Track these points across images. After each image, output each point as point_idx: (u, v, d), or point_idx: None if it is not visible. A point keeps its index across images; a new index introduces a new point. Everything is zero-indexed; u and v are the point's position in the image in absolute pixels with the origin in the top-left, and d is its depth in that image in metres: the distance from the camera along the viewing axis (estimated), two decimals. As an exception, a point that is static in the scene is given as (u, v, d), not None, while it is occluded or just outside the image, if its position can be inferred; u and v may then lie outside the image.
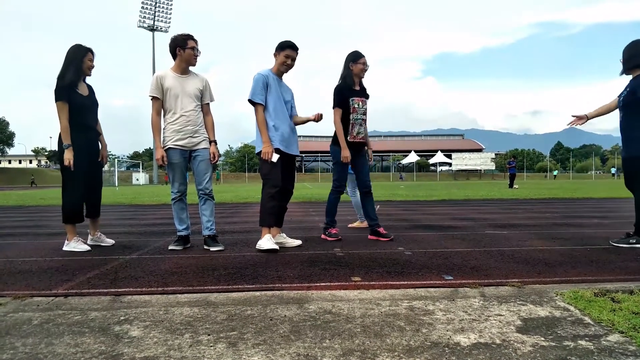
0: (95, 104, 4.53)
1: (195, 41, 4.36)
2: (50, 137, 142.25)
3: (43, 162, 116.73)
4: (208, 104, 4.54)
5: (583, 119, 4.61)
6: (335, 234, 5.00)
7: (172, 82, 4.30)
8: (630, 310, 2.28)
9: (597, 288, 2.73)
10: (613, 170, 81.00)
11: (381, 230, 4.93)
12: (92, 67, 4.43)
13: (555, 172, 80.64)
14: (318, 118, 4.48)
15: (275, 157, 4.25)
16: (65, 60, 4.27)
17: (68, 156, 4.16)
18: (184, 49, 4.30)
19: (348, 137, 4.84)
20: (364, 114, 4.89)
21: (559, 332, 2.05)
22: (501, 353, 1.82)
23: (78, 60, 4.29)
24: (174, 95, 4.29)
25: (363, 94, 4.94)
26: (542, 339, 1.97)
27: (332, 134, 4.93)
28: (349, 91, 4.83)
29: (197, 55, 4.38)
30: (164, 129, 4.36)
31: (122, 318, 2.32)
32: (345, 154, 4.76)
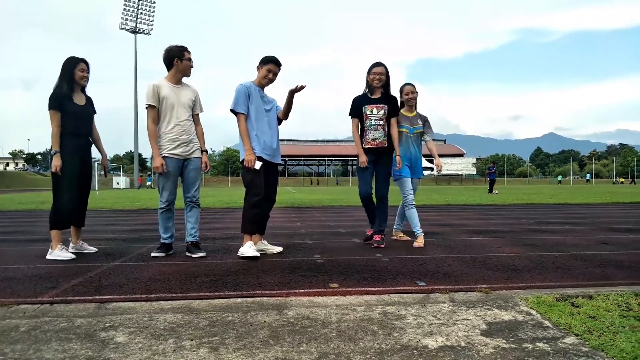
0: (90, 115, 4.63)
1: (189, 52, 4.49)
2: (29, 140, 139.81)
3: (21, 165, 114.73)
4: (198, 114, 4.68)
5: None
6: (377, 241, 5.03)
7: (168, 92, 4.41)
8: (587, 315, 2.45)
9: (559, 293, 2.90)
10: (588, 176, 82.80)
11: (376, 237, 5.03)
12: (86, 77, 4.53)
13: (559, 178, 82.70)
14: (299, 88, 4.49)
15: (258, 165, 4.36)
16: (60, 72, 4.43)
17: (56, 163, 4.25)
18: (181, 60, 4.43)
19: (364, 144, 5.04)
20: (380, 119, 4.99)
21: (520, 335, 2.21)
22: (465, 355, 1.97)
23: (70, 72, 4.42)
24: (170, 105, 4.40)
25: (382, 101, 5.02)
26: (504, 341, 2.13)
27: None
28: (363, 100, 5.09)
29: (192, 67, 4.51)
30: (158, 137, 4.44)
31: (107, 324, 2.42)
32: (362, 159, 4.98)
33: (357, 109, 5.07)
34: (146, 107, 4.41)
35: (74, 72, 4.43)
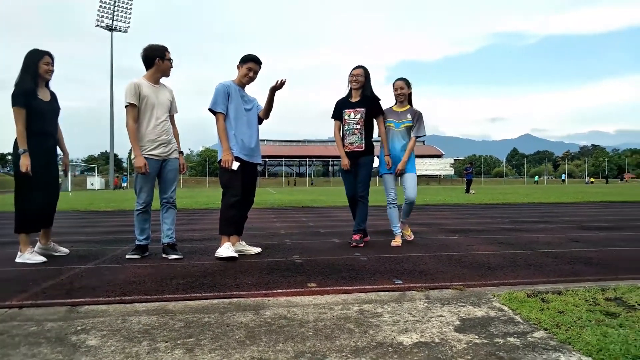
0: (55, 111, 4.46)
1: (169, 52, 4.44)
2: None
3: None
4: (173, 115, 4.64)
5: None
6: (356, 240, 5.08)
7: (148, 91, 4.33)
8: (556, 310, 2.52)
9: (531, 289, 2.98)
10: (563, 176, 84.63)
11: (355, 236, 5.08)
12: (51, 71, 4.34)
13: (536, 178, 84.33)
14: (280, 84, 4.49)
15: (235, 165, 4.34)
16: (22, 65, 4.20)
17: (25, 162, 4.07)
18: (163, 59, 4.37)
19: (343, 147, 5.17)
20: (357, 123, 5.07)
21: (491, 330, 2.25)
22: (438, 351, 2.00)
23: (34, 65, 4.21)
24: (150, 105, 4.33)
25: (359, 104, 5.09)
26: (477, 337, 2.16)
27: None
28: (343, 104, 5.20)
29: (172, 67, 4.47)
30: (139, 138, 4.34)
31: (79, 328, 2.38)
32: (344, 162, 5.14)
33: (338, 112, 5.21)
34: (126, 106, 4.27)
35: (38, 66, 4.23)
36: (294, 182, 75.06)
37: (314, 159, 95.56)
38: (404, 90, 5.18)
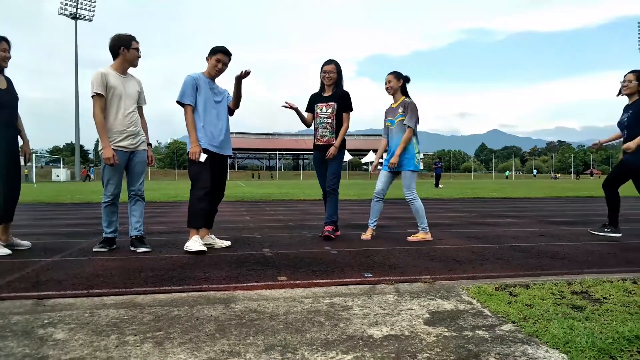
0: (15, 99, 4.28)
1: (138, 42, 4.33)
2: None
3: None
4: (142, 107, 4.55)
5: (597, 144, 5.65)
6: (329, 231, 5.12)
7: (115, 82, 4.22)
8: (523, 303, 2.57)
9: (499, 283, 3.03)
10: (535, 172, 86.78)
11: (327, 227, 5.11)
12: (8, 57, 4.16)
13: (507, 173, 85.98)
14: (244, 74, 4.45)
15: (202, 157, 4.29)
16: None
17: None
18: (128, 49, 4.25)
19: (315, 141, 5.26)
20: (328, 117, 5.13)
21: (460, 323, 2.29)
22: (408, 343, 2.02)
23: None
24: (117, 96, 4.22)
25: (331, 99, 5.15)
26: (446, 329, 2.20)
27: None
28: (316, 98, 5.28)
29: (139, 57, 4.36)
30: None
31: (46, 321, 2.32)
32: (316, 155, 5.34)
33: (310, 106, 5.33)
34: (93, 96, 4.15)
35: None
36: (258, 175, 74.71)
37: (284, 152, 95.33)
38: (391, 84, 5.10)
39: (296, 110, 5.19)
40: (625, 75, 4.98)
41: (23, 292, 2.85)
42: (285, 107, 5.19)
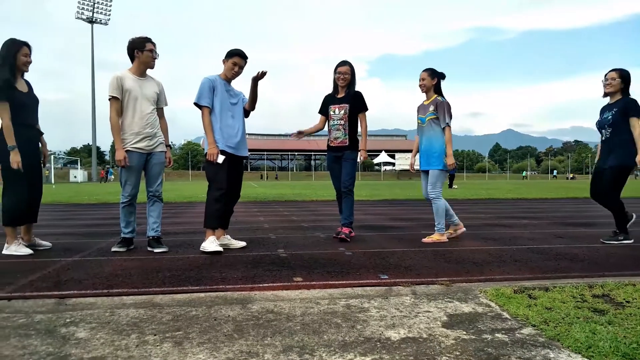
0: (35, 102, 4.39)
1: (154, 44, 4.37)
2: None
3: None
4: (162, 108, 4.60)
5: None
6: (338, 232, 5.18)
7: (132, 84, 4.28)
8: (543, 306, 2.55)
9: (517, 286, 3.00)
10: (555, 172, 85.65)
11: (345, 229, 5.11)
12: (29, 62, 4.25)
13: (524, 173, 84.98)
14: (261, 75, 4.48)
15: (220, 159, 4.32)
16: (0, 57, 4.09)
17: (15, 159, 4.01)
18: (142, 51, 4.30)
19: (329, 142, 5.27)
20: (341, 119, 5.14)
21: (479, 326, 2.28)
22: (427, 346, 2.02)
23: (11, 57, 4.10)
24: (133, 98, 4.28)
25: (344, 100, 5.16)
26: (464, 332, 2.19)
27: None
28: (329, 99, 5.30)
29: (155, 58, 4.39)
30: (122, 131, 4.31)
31: (68, 320, 2.36)
32: (297, 133, 5.41)
33: (324, 108, 5.34)
34: (109, 99, 4.26)
35: (16, 57, 4.13)
36: (266, 176, 74.73)
37: (296, 153, 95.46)
38: (425, 82, 5.04)
39: (306, 134, 5.38)
40: (607, 74, 4.88)
41: (45, 292, 2.90)
42: (297, 138, 5.40)
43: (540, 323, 2.27)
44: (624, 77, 4.77)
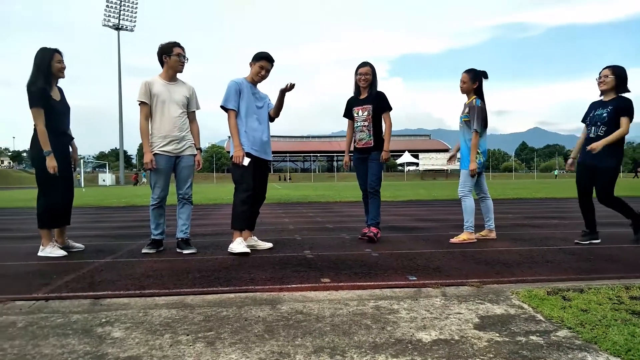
0: (67, 108, 4.52)
1: (182, 48, 4.45)
2: (14, 137, 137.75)
3: (6, 163, 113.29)
4: (194, 111, 4.65)
5: (573, 161, 5.22)
6: (364, 233, 5.24)
7: (160, 89, 4.38)
8: (579, 308, 2.49)
9: (550, 287, 2.95)
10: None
11: (373, 229, 5.13)
12: (63, 67, 4.36)
13: (555, 172, 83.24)
14: (289, 87, 4.54)
15: (246, 161, 4.36)
16: (34, 65, 4.19)
17: (52, 164, 4.14)
18: (169, 56, 4.39)
19: (354, 144, 5.35)
20: (365, 120, 5.18)
21: (512, 328, 2.24)
22: (459, 348, 1.99)
23: (46, 64, 4.21)
24: (161, 102, 4.37)
25: (367, 101, 5.19)
26: (497, 334, 2.15)
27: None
28: (352, 102, 5.35)
29: (183, 62, 4.46)
30: (151, 134, 4.41)
31: (103, 320, 2.41)
32: (345, 159, 5.51)
33: (349, 111, 5.38)
34: (139, 104, 4.37)
35: (51, 65, 4.24)
36: (284, 177, 74.91)
37: (318, 155, 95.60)
38: (465, 85, 5.03)
39: (349, 145, 5.45)
40: (601, 71, 4.76)
41: (80, 292, 2.97)
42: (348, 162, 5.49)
43: (576, 325, 2.22)
44: (618, 74, 4.65)
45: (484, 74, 5.04)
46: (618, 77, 4.63)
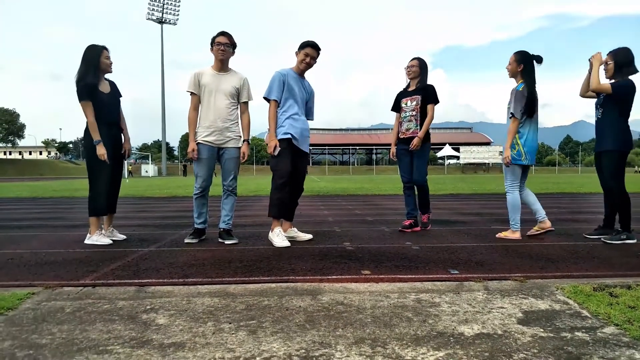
0: (117, 101, 4.66)
1: (226, 36, 4.45)
2: (60, 129, 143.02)
3: (53, 154, 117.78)
4: (246, 102, 4.65)
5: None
6: (406, 226, 5.34)
7: (209, 79, 4.45)
8: (626, 305, 2.41)
9: (597, 283, 2.86)
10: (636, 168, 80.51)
11: (424, 217, 5.46)
12: (111, 63, 4.54)
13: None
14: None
15: (276, 151, 4.38)
16: (83, 61, 4.36)
17: (101, 152, 4.32)
18: (212, 47, 4.46)
19: (400, 134, 5.45)
20: (413, 110, 5.29)
21: (557, 324, 2.19)
22: (502, 343, 1.96)
23: (95, 60, 4.39)
24: (208, 92, 4.44)
25: (415, 92, 5.31)
26: (542, 330, 2.11)
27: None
28: (401, 94, 5.52)
29: (223, 50, 4.43)
30: (198, 124, 4.50)
31: (148, 307, 2.49)
32: (392, 150, 5.65)
33: (397, 104, 5.52)
34: (190, 95, 4.49)
35: (99, 60, 4.41)
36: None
37: (357, 147, 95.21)
38: (510, 67, 4.78)
39: (395, 137, 5.54)
40: (605, 58, 4.56)
41: (126, 279, 3.07)
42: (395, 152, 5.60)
43: (624, 322, 2.16)
44: (616, 60, 4.48)
45: (536, 58, 4.69)
46: (616, 62, 4.48)
